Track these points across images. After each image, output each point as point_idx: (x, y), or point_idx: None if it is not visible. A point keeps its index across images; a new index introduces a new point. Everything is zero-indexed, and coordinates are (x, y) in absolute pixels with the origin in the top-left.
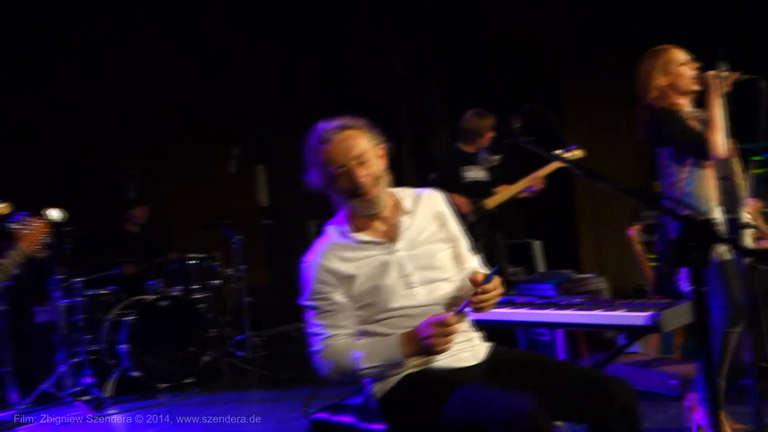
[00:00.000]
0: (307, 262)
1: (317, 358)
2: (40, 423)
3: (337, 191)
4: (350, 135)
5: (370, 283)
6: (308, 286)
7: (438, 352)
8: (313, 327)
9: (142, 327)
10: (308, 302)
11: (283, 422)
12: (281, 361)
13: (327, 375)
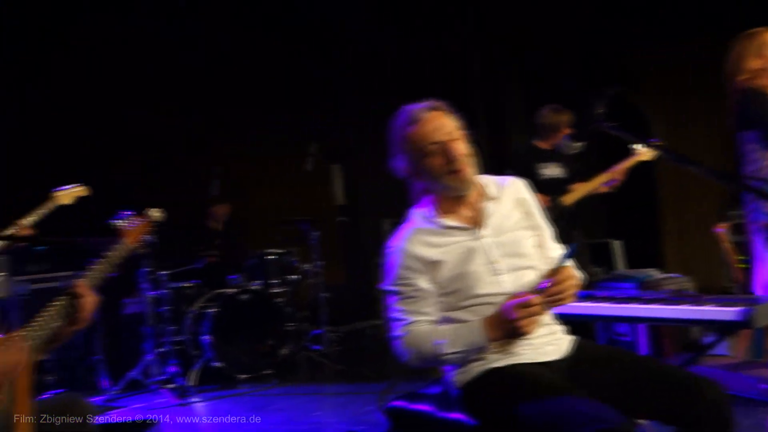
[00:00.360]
0: (392, 247)
1: (398, 343)
2: (128, 408)
3: (428, 170)
4: (440, 115)
5: (455, 270)
6: (392, 271)
7: (523, 334)
8: (395, 312)
9: (223, 319)
10: (391, 287)
11: (359, 415)
12: (357, 356)
13: (408, 360)
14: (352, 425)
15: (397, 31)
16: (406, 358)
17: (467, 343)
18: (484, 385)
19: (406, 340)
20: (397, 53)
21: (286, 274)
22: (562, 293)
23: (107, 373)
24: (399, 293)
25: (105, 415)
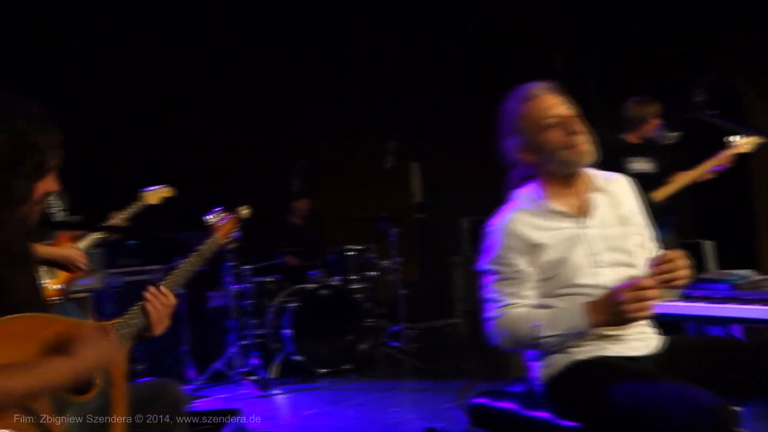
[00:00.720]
0: (493, 226)
1: (491, 324)
2: (213, 398)
3: (546, 145)
4: (556, 95)
5: (557, 255)
6: (492, 250)
7: (631, 319)
8: (492, 293)
9: (303, 314)
10: (489, 267)
11: (437, 412)
12: (434, 353)
13: (500, 343)
14: (430, 422)
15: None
16: (498, 341)
17: (567, 327)
18: (571, 376)
19: (501, 322)
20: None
21: (365, 270)
22: (675, 275)
23: (193, 363)
24: (497, 273)
25: (191, 404)
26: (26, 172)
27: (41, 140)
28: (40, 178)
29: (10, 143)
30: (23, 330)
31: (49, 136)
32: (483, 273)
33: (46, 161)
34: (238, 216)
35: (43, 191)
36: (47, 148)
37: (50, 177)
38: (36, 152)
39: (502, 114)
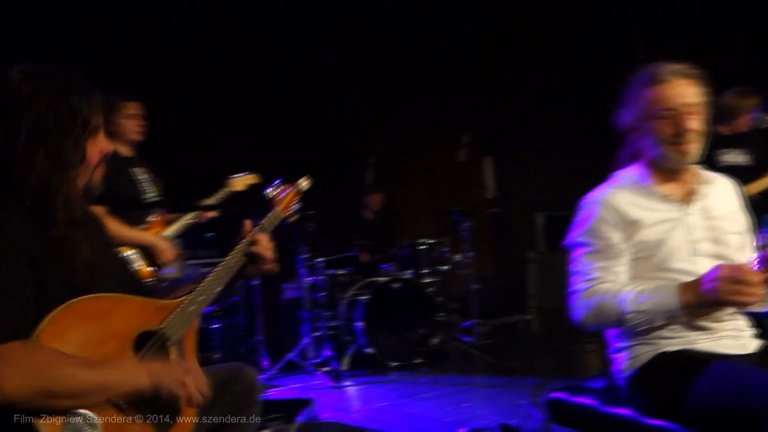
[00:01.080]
0: (590, 199)
1: (576, 297)
2: (286, 388)
3: (652, 134)
4: (689, 83)
5: (655, 236)
6: (586, 222)
7: (725, 302)
8: (580, 265)
9: (375, 307)
10: (581, 238)
11: (510, 408)
12: (507, 349)
13: (583, 317)
14: (503, 418)
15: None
16: (581, 316)
17: (656, 303)
18: (657, 369)
19: (586, 295)
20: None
21: (437, 264)
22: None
23: (267, 353)
24: (589, 245)
25: (265, 393)
26: (74, 134)
27: (81, 102)
28: (88, 139)
29: (51, 109)
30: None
31: (89, 97)
32: (573, 245)
33: (90, 122)
34: (299, 188)
35: (98, 152)
36: (88, 108)
37: (100, 137)
38: (78, 114)
39: (630, 82)
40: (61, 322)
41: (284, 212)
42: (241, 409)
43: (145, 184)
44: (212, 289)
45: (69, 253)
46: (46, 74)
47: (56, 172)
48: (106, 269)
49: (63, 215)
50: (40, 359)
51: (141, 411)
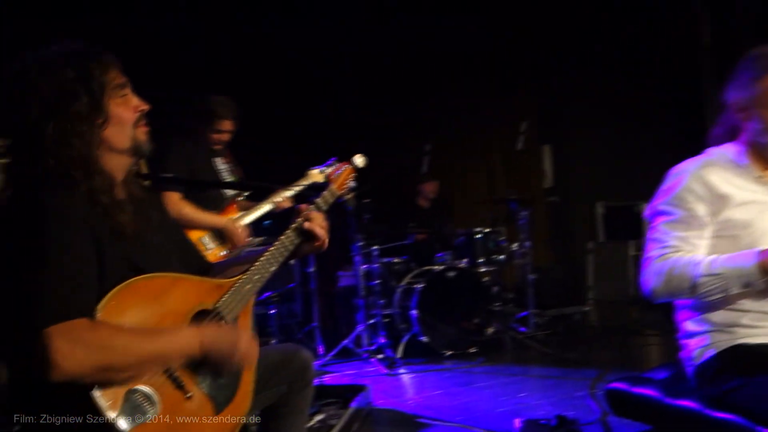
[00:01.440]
0: (679, 169)
1: (649, 263)
2: (341, 374)
3: (762, 120)
4: None
5: (743, 216)
6: (672, 191)
7: None
8: (659, 233)
9: (430, 295)
10: (664, 206)
11: (567, 400)
12: (564, 341)
13: (653, 286)
14: (560, 409)
15: None
16: (652, 284)
17: (733, 268)
18: (731, 358)
19: (660, 262)
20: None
21: (493, 253)
22: None
23: (322, 340)
24: (671, 214)
25: (319, 377)
26: (84, 98)
27: (88, 65)
28: (108, 99)
29: (54, 84)
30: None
31: (97, 59)
32: (654, 214)
33: (104, 81)
34: (354, 166)
35: (131, 110)
36: (100, 70)
37: (128, 96)
38: (91, 79)
39: (744, 61)
40: (120, 300)
41: (340, 190)
42: (296, 389)
43: (225, 173)
44: (268, 268)
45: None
46: (50, 52)
47: (67, 140)
48: (164, 247)
49: (86, 181)
50: (100, 335)
51: (200, 386)
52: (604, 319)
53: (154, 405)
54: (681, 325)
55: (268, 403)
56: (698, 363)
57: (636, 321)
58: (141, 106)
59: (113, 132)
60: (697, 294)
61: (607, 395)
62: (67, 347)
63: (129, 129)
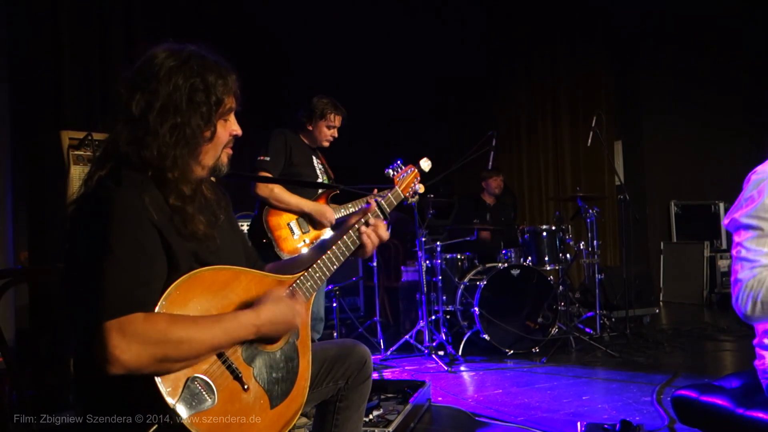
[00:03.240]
0: (763, 173)
1: (740, 287)
2: (401, 369)
3: None
4: None
5: None
6: (757, 199)
7: None
8: (747, 252)
9: (493, 293)
10: (748, 219)
11: (633, 405)
12: (631, 344)
13: (749, 310)
14: (625, 414)
15: None
16: (747, 307)
17: None
18: None
19: (753, 284)
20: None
21: (559, 252)
22: None
23: (384, 334)
24: (757, 228)
25: (379, 373)
26: (205, 112)
27: (217, 82)
28: (219, 118)
29: (187, 86)
30: (214, 282)
31: (225, 79)
32: (738, 227)
33: (222, 102)
34: (419, 169)
35: (228, 133)
36: (223, 89)
37: (231, 119)
38: (213, 93)
39: None
40: (183, 291)
41: (405, 192)
42: (353, 384)
43: (319, 171)
44: (330, 266)
45: (184, 224)
46: (188, 53)
47: (178, 145)
48: (229, 245)
49: (178, 187)
50: (156, 329)
51: (257, 379)
52: (676, 322)
53: (213, 394)
54: (759, 332)
55: (326, 397)
56: None
57: (709, 324)
58: (236, 132)
59: (207, 148)
60: None
61: (674, 403)
62: (123, 342)
63: (219, 149)
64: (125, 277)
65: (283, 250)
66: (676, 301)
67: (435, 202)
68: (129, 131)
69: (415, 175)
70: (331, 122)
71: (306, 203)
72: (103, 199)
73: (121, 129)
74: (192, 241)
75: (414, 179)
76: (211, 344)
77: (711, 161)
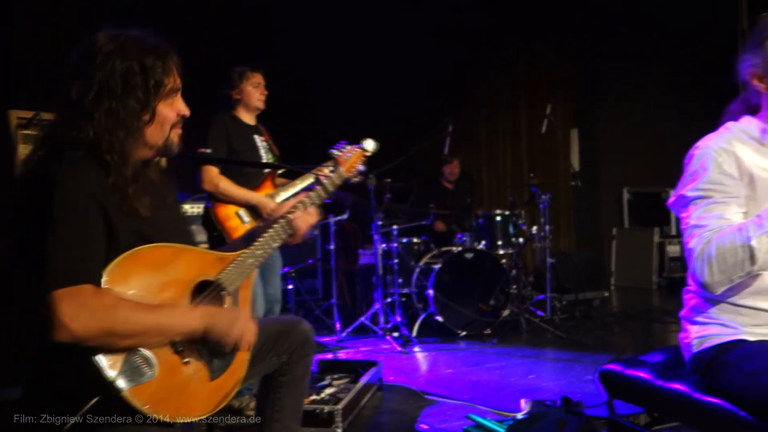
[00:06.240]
0: (705, 148)
1: (694, 254)
2: (355, 350)
3: None
4: None
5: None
6: (702, 173)
7: None
8: (696, 220)
9: (448, 276)
10: (694, 192)
11: (576, 383)
12: (580, 326)
13: (707, 276)
14: (568, 392)
15: None
16: (704, 272)
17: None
18: (729, 352)
19: (704, 247)
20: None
21: (512, 236)
22: None
23: (340, 316)
24: (706, 198)
25: (334, 354)
26: (141, 95)
27: (155, 64)
28: (160, 99)
29: (124, 69)
30: (155, 259)
31: (163, 60)
32: (686, 202)
33: (162, 83)
34: (363, 149)
35: (174, 113)
36: (163, 71)
37: (177, 100)
38: (151, 76)
39: (757, 23)
40: (125, 267)
41: (348, 172)
42: (296, 358)
43: (263, 150)
44: (271, 244)
45: (126, 203)
46: (126, 37)
47: (115, 128)
48: (172, 224)
49: (118, 169)
50: (105, 302)
51: (197, 353)
52: (625, 305)
53: (153, 367)
54: (687, 306)
55: (268, 371)
56: (695, 351)
57: (657, 308)
58: (183, 111)
59: (153, 129)
60: (758, 260)
61: (601, 376)
62: (72, 310)
63: (166, 129)
64: (74, 250)
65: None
66: (627, 285)
67: (393, 186)
68: (68, 115)
69: (359, 156)
70: (254, 79)
71: (251, 196)
72: (47, 176)
73: (61, 112)
74: (137, 219)
75: (358, 160)
76: (159, 328)
77: (664, 149)
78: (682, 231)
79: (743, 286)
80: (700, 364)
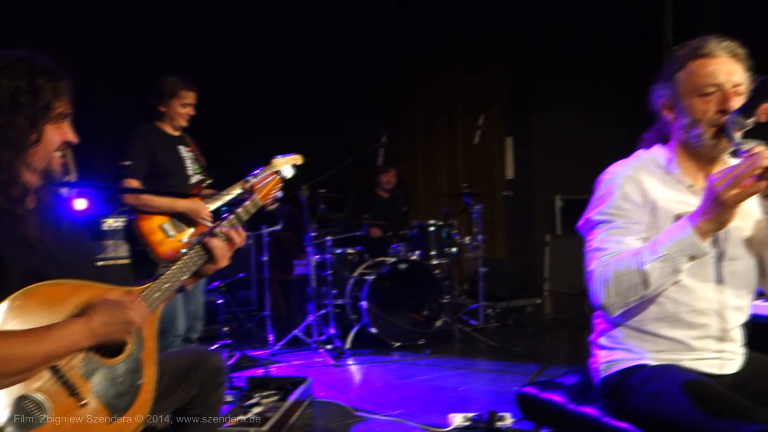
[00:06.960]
0: (613, 174)
1: (594, 274)
2: (287, 364)
3: (690, 113)
4: (737, 60)
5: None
6: (607, 198)
7: (731, 202)
8: (597, 243)
9: (382, 287)
10: (600, 216)
11: (507, 394)
12: (513, 334)
13: (604, 297)
14: (497, 404)
15: None
16: (602, 297)
17: (673, 244)
18: (632, 376)
19: (604, 265)
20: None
21: (445, 246)
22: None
23: (273, 329)
24: (608, 223)
25: (266, 369)
26: (29, 115)
27: (45, 85)
28: (47, 122)
29: (12, 87)
30: (51, 297)
31: (55, 83)
32: (592, 225)
33: (51, 106)
34: (281, 176)
35: (60, 139)
36: (52, 93)
37: (65, 126)
38: (40, 97)
39: (671, 56)
40: (16, 307)
41: (264, 200)
42: (207, 391)
43: (189, 161)
44: (179, 276)
45: (14, 226)
46: (18, 57)
47: (2, 147)
48: (73, 256)
49: (5, 190)
50: None
51: (95, 394)
52: (557, 311)
53: (45, 412)
54: (596, 330)
55: (179, 406)
56: (603, 376)
57: (587, 314)
58: (69, 139)
59: (37, 152)
60: (650, 285)
61: (517, 399)
62: None
63: (50, 154)
64: None
65: (159, 254)
66: (561, 291)
67: (327, 197)
68: None
69: (276, 183)
70: (184, 99)
71: (177, 203)
72: None
73: None
74: (28, 250)
75: (275, 186)
76: (44, 355)
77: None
78: (586, 253)
79: (647, 312)
80: (608, 389)
